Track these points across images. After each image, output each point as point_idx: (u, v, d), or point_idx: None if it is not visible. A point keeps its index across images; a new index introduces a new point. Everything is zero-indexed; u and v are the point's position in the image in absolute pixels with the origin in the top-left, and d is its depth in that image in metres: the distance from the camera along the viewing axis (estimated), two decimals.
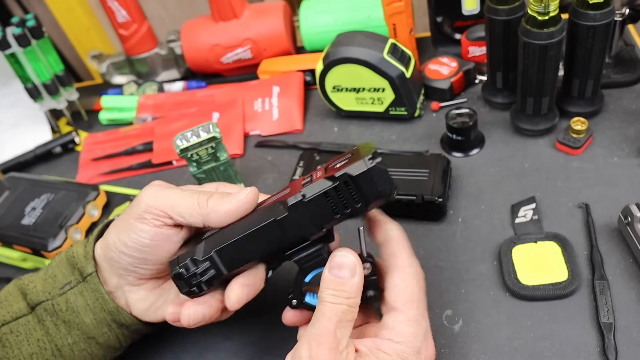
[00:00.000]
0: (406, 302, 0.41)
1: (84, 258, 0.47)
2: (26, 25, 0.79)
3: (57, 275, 0.48)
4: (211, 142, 0.60)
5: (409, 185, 0.59)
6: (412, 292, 0.42)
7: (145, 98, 0.87)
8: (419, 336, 0.40)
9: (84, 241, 0.49)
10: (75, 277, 0.47)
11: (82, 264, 0.47)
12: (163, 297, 0.49)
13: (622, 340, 0.47)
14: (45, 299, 0.47)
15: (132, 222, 0.45)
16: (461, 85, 0.75)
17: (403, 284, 0.42)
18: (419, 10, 0.90)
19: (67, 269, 0.48)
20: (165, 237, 0.45)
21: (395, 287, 0.42)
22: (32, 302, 0.47)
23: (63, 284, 0.47)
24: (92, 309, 0.46)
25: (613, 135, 0.64)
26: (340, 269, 0.41)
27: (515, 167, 0.64)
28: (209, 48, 0.87)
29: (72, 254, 0.48)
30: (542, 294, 0.51)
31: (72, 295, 0.47)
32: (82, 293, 0.46)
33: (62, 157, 0.85)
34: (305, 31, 0.87)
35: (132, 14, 0.88)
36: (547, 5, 0.56)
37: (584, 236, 0.55)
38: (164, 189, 0.46)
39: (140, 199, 0.45)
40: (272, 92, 0.82)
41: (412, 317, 0.41)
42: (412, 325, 0.40)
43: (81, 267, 0.47)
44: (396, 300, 0.41)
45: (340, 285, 0.40)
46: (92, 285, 0.46)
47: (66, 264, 0.48)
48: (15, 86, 0.86)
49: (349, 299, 0.40)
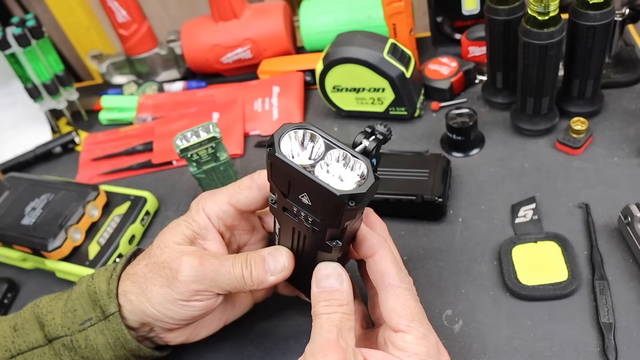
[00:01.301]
0: (409, 322, 0.40)
1: (107, 296, 0.45)
2: (26, 25, 0.79)
3: (77, 309, 0.46)
4: (211, 142, 0.60)
5: (409, 185, 0.59)
6: (411, 310, 0.41)
7: (145, 98, 0.87)
8: (432, 351, 0.40)
9: (107, 274, 0.47)
10: (96, 314, 0.45)
11: (105, 301, 0.45)
12: (200, 324, 0.49)
13: (622, 340, 0.47)
14: (64, 334, 0.46)
15: (179, 302, 0.44)
16: (461, 85, 0.75)
17: (400, 305, 0.41)
18: (419, 10, 0.90)
19: (87, 304, 0.46)
20: (214, 302, 0.45)
21: (393, 310, 0.41)
22: (49, 335, 0.46)
23: (83, 320, 0.45)
24: (112, 347, 0.45)
25: (613, 135, 0.64)
26: (327, 279, 0.40)
27: (515, 167, 0.64)
28: (209, 48, 0.87)
29: (94, 289, 0.46)
30: (542, 294, 0.51)
31: (92, 333, 0.45)
32: (103, 331, 0.45)
33: (62, 157, 0.85)
34: (305, 31, 0.87)
35: (132, 14, 0.88)
36: (547, 5, 0.56)
37: (584, 236, 0.55)
38: (203, 266, 0.43)
39: (183, 282, 0.43)
40: (272, 92, 0.82)
41: (420, 335, 0.40)
42: (422, 343, 0.40)
43: (103, 304, 0.45)
44: (398, 323, 0.40)
45: (330, 294, 0.40)
46: (115, 325, 0.45)
47: (87, 298, 0.46)
48: (15, 86, 0.86)
49: (342, 307, 0.40)
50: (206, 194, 0.48)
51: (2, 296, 0.64)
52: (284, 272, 0.43)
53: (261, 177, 0.46)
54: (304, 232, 0.40)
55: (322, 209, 0.36)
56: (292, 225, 0.41)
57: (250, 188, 0.46)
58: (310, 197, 0.36)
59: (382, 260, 0.42)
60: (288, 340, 0.53)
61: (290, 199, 0.38)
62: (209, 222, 0.47)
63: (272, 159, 0.36)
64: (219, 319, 0.50)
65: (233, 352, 0.53)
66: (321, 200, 0.35)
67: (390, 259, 0.42)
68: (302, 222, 0.38)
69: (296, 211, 0.38)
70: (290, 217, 0.39)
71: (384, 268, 0.42)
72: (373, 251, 0.42)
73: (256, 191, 0.46)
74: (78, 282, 0.48)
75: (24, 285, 0.67)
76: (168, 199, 0.72)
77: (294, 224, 0.40)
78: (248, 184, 0.46)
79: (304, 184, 0.35)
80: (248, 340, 0.54)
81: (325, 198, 0.35)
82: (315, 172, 0.36)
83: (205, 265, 0.43)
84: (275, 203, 0.40)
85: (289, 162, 0.35)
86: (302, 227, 0.39)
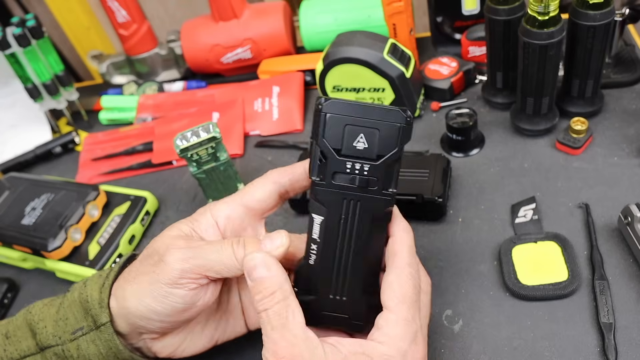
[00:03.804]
0: (398, 302, 0.39)
1: (99, 305, 0.44)
2: (26, 25, 0.79)
3: (69, 318, 0.45)
4: (211, 142, 0.60)
5: (409, 185, 0.59)
6: (405, 292, 0.40)
7: (145, 98, 0.87)
8: (407, 338, 0.39)
9: (100, 281, 0.45)
10: (87, 323, 0.44)
11: (96, 311, 0.44)
12: (189, 337, 0.47)
13: (622, 340, 0.47)
14: (56, 343, 0.45)
15: (163, 288, 0.42)
16: (461, 85, 0.75)
17: (397, 283, 0.40)
18: (419, 10, 0.90)
19: (79, 312, 0.45)
20: (200, 296, 0.43)
21: (389, 286, 0.40)
22: (41, 344, 0.45)
23: (75, 329, 0.45)
24: (104, 357, 0.44)
25: (613, 135, 0.64)
26: (255, 270, 0.40)
27: (515, 167, 0.64)
28: (209, 48, 0.87)
29: (85, 298, 0.45)
30: (542, 294, 0.51)
31: (84, 343, 0.44)
32: (95, 341, 0.44)
33: (62, 157, 0.85)
34: (305, 31, 0.87)
35: (132, 14, 0.88)
36: (547, 5, 0.56)
37: (584, 236, 0.55)
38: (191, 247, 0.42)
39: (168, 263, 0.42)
40: (272, 92, 0.82)
41: (402, 318, 0.39)
42: (400, 326, 0.39)
43: (95, 314, 0.44)
44: (389, 299, 0.40)
45: (261, 285, 0.39)
46: (106, 335, 0.44)
47: (79, 307, 0.45)
48: (15, 86, 0.86)
49: (274, 295, 0.39)
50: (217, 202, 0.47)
51: (2, 296, 0.64)
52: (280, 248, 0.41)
53: (275, 173, 0.45)
54: (355, 200, 0.40)
55: (381, 141, 0.39)
56: (341, 201, 0.40)
57: (264, 183, 0.45)
58: (366, 136, 0.39)
59: (399, 242, 0.42)
60: None
61: (344, 153, 0.39)
62: (213, 222, 0.45)
63: (327, 108, 0.39)
64: (211, 335, 0.48)
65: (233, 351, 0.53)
66: (381, 129, 0.39)
67: (408, 243, 0.42)
68: (354, 181, 0.39)
69: (349, 168, 0.39)
70: (339, 187, 0.40)
71: (398, 249, 0.42)
72: (395, 230, 0.43)
73: (270, 185, 0.45)
74: (72, 288, 0.47)
75: (24, 285, 0.67)
76: (168, 199, 0.72)
77: (344, 197, 0.40)
78: (262, 181, 0.46)
79: (362, 121, 0.39)
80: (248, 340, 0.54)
81: (385, 123, 0.39)
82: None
83: (192, 245, 0.42)
84: (321, 178, 0.40)
85: (346, 101, 0.39)
86: (354, 193, 0.40)
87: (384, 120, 0.39)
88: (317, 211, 0.41)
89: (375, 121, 0.39)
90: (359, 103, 0.39)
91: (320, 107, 0.39)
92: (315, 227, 0.41)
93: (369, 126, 0.39)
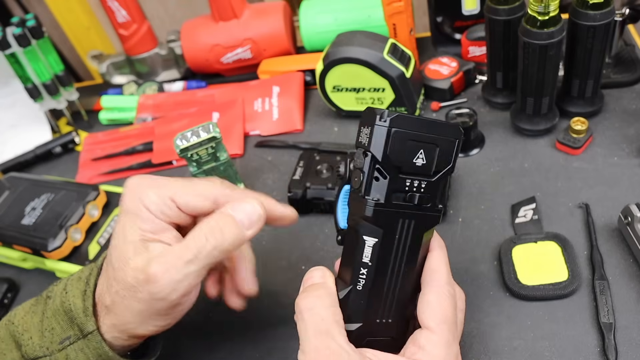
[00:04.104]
0: (440, 323, 0.39)
1: (84, 314, 0.43)
2: (26, 25, 0.79)
3: (55, 327, 0.44)
4: (211, 142, 0.60)
5: None
6: (446, 313, 0.39)
7: (145, 98, 0.87)
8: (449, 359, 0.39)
9: (81, 287, 0.44)
10: (74, 332, 0.43)
11: (82, 320, 0.43)
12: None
13: (622, 340, 0.47)
14: (44, 354, 0.44)
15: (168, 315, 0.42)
16: (461, 85, 0.75)
17: (437, 303, 0.40)
18: (419, 10, 0.90)
19: (65, 321, 0.44)
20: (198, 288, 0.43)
21: (428, 305, 0.40)
22: (27, 356, 0.44)
23: (62, 339, 0.43)
24: None
25: (613, 135, 0.64)
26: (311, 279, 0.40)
27: (515, 167, 0.64)
28: (209, 48, 0.87)
29: (69, 306, 0.43)
30: (542, 294, 0.51)
31: (73, 352, 0.43)
32: (83, 350, 0.43)
33: (62, 157, 0.85)
34: (305, 31, 0.87)
35: (132, 14, 0.88)
36: (547, 5, 0.56)
37: (584, 236, 0.55)
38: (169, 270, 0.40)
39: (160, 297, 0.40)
40: (272, 92, 0.82)
41: (445, 340, 0.39)
42: (443, 347, 0.38)
43: (80, 323, 0.43)
44: (430, 319, 0.39)
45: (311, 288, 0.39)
46: (94, 343, 0.43)
47: (64, 315, 0.44)
48: (15, 86, 0.86)
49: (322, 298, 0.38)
50: (143, 182, 0.43)
51: (2, 296, 0.64)
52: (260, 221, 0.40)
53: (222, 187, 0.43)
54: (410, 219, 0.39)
55: (439, 156, 0.39)
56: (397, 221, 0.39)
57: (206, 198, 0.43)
58: (426, 152, 0.38)
59: (437, 259, 0.41)
60: (288, 340, 0.53)
61: (405, 171, 0.38)
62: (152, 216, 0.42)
63: (393, 123, 0.37)
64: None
65: (233, 352, 0.53)
66: (440, 145, 0.39)
67: (445, 261, 0.42)
68: (413, 199, 0.38)
69: (408, 186, 0.38)
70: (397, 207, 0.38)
71: (437, 266, 0.41)
72: (433, 247, 0.42)
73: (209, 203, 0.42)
74: (52, 294, 0.46)
75: (24, 285, 0.67)
76: None
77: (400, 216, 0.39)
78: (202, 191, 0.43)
79: (423, 137, 0.38)
80: (248, 340, 0.54)
81: (444, 139, 0.39)
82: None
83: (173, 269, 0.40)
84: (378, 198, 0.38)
85: (409, 116, 0.38)
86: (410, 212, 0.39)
87: (442, 135, 0.39)
88: (371, 233, 0.38)
89: (435, 137, 0.38)
90: (421, 118, 0.38)
91: (384, 121, 0.37)
92: (367, 250, 0.39)
93: (429, 142, 0.38)
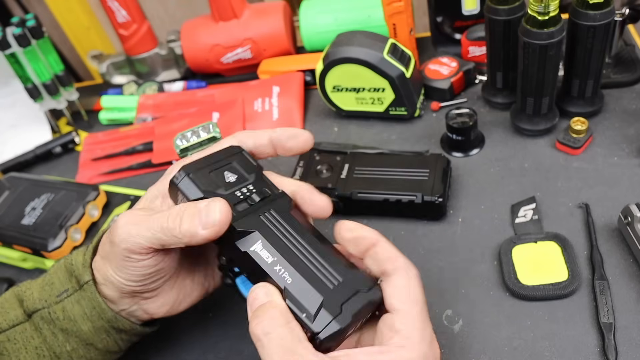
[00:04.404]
0: (413, 305, 0.38)
1: (82, 266, 0.46)
2: (26, 25, 0.79)
3: (55, 282, 0.47)
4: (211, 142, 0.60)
5: (409, 185, 0.59)
6: (416, 294, 0.39)
7: (145, 98, 0.87)
8: (426, 340, 0.38)
9: (84, 249, 0.48)
10: (72, 284, 0.46)
11: (79, 271, 0.46)
12: (181, 292, 0.48)
13: (622, 340, 0.47)
14: (42, 307, 0.46)
15: (122, 263, 0.43)
16: (461, 85, 0.75)
17: (406, 286, 0.39)
18: (419, 10, 0.90)
19: (64, 276, 0.47)
20: (159, 262, 0.44)
21: (397, 289, 0.39)
22: (28, 310, 0.46)
23: (60, 292, 0.46)
24: (89, 317, 0.45)
25: (613, 135, 0.64)
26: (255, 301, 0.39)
27: (515, 167, 0.64)
28: (209, 48, 0.87)
29: (70, 262, 0.47)
30: (542, 294, 0.51)
31: (69, 304, 0.46)
32: (79, 302, 0.45)
33: (62, 157, 0.85)
34: (305, 31, 0.87)
35: (132, 14, 0.88)
36: (547, 5, 0.56)
37: (584, 236, 0.55)
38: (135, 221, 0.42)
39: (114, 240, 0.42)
40: (272, 92, 0.82)
41: (420, 320, 0.38)
42: (419, 328, 0.38)
43: (78, 274, 0.46)
44: (402, 302, 0.39)
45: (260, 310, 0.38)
46: (89, 294, 0.45)
47: (64, 271, 0.47)
48: (15, 86, 0.86)
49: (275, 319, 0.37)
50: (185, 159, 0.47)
51: None
52: (215, 227, 0.40)
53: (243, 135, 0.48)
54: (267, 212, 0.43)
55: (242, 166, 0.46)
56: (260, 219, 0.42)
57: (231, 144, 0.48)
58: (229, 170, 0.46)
59: (385, 248, 0.40)
60: None
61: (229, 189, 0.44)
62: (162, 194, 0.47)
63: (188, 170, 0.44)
64: (201, 284, 0.49)
65: (233, 351, 0.53)
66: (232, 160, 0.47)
67: (394, 247, 0.41)
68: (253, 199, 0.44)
69: (241, 194, 0.44)
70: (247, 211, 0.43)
71: (391, 252, 0.40)
72: (376, 239, 0.41)
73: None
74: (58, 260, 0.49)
75: None
76: None
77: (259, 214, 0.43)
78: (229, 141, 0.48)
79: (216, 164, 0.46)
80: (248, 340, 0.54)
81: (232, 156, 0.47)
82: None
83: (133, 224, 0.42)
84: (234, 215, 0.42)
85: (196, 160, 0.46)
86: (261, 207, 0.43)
87: (229, 155, 0.46)
88: (251, 240, 0.40)
89: (224, 159, 0.46)
90: (203, 157, 0.46)
91: (181, 176, 0.44)
92: (263, 253, 0.40)
93: (223, 164, 0.45)
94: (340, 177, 0.63)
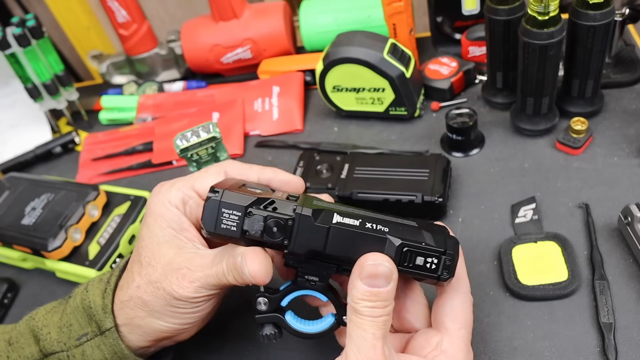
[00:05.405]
0: (461, 327, 0.41)
1: (102, 311, 0.44)
2: (26, 25, 0.79)
3: (73, 324, 0.45)
4: (211, 142, 0.60)
5: (409, 185, 0.59)
6: (467, 318, 0.42)
7: (145, 98, 0.87)
8: None
9: (102, 286, 0.46)
10: (92, 329, 0.45)
11: (100, 316, 0.44)
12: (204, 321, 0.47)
13: (622, 340, 0.47)
14: (61, 349, 0.45)
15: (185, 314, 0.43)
16: (461, 85, 0.75)
17: (461, 308, 0.42)
18: (419, 10, 0.90)
19: (83, 318, 0.45)
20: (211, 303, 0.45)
21: (453, 309, 0.42)
22: (45, 350, 0.45)
23: (79, 335, 0.45)
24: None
25: (613, 135, 0.64)
26: (376, 279, 0.38)
27: (515, 167, 0.64)
28: (209, 48, 0.87)
29: (88, 304, 0.45)
30: (542, 294, 0.51)
31: (89, 348, 0.44)
32: (100, 347, 0.44)
33: (62, 157, 0.85)
34: (305, 31, 0.87)
35: (132, 14, 0.88)
36: (547, 5, 0.56)
37: (584, 236, 0.55)
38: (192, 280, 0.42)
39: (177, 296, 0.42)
40: (272, 92, 0.82)
41: (465, 344, 0.41)
42: (464, 352, 0.41)
43: (99, 320, 0.44)
44: (453, 322, 0.41)
45: (376, 295, 0.38)
46: (111, 340, 0.44)
47: (82, 312, 0.45)
48: (15, 86, 0.86)
49: (386, 307, 0.38)
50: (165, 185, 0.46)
51: (2, 296, 0.64)
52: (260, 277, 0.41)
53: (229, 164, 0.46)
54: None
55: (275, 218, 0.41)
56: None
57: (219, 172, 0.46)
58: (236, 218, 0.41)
59: (461, 267, 0.43)
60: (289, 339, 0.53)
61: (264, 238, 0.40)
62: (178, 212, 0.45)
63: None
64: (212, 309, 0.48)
65: (233, 351, 0.53)
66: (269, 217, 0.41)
67: (464, 266, 0.44)
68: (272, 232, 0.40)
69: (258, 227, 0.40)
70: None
71: (461, 274, 0.43)
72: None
73: (223, 175, 0.45)
74: (73, 294, 0.48)
75: (24, 285, 0.67)
76: None
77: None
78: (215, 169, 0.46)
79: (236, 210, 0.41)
80: (248, 340, 0.54)
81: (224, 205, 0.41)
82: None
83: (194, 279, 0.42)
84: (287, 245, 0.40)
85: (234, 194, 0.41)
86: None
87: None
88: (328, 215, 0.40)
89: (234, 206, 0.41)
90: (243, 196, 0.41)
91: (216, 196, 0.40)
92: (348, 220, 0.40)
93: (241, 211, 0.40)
94: (340, 177, 0.63)
